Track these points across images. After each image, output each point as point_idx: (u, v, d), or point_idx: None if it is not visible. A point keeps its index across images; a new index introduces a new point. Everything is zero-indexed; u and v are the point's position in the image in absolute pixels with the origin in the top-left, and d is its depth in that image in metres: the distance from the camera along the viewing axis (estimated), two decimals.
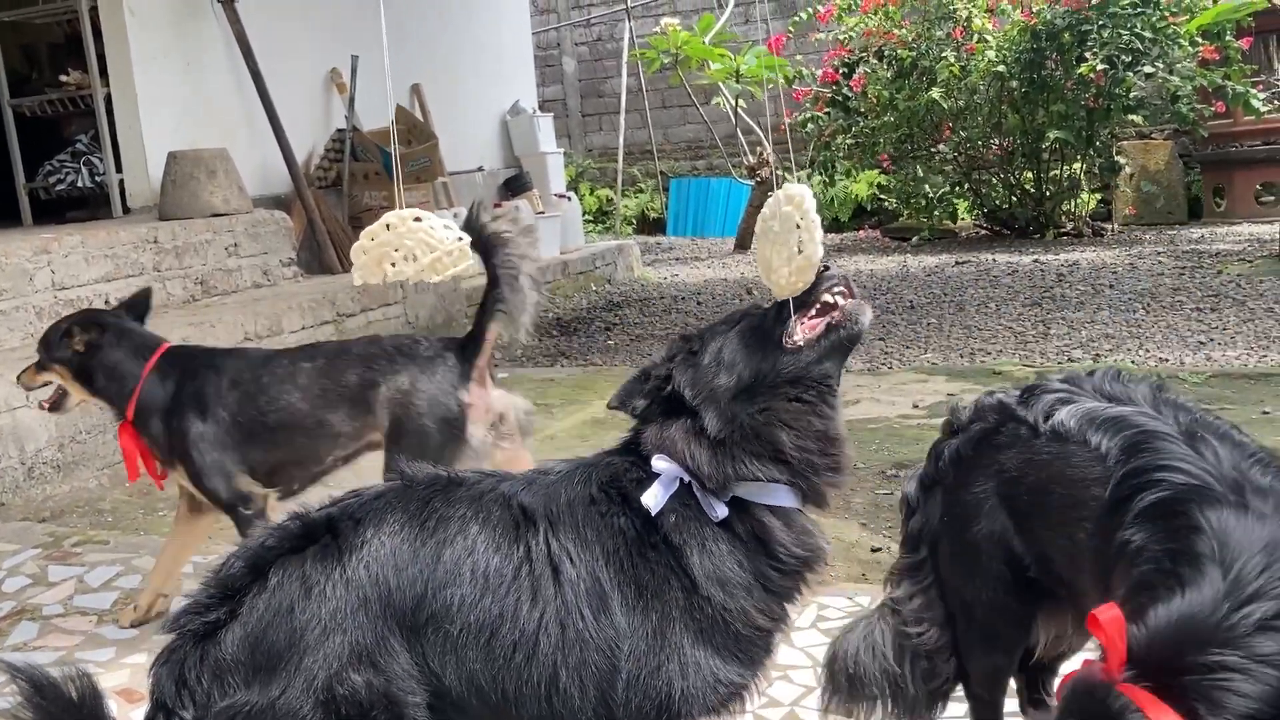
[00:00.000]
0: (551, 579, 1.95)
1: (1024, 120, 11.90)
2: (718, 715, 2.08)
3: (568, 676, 1.93)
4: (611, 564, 1.97)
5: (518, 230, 3.52)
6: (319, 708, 1.85)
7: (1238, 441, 1.87)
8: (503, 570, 1.94)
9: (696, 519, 1.99)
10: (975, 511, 2.20)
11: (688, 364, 2.06)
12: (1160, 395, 2.02)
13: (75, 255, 6.01)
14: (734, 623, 1.98)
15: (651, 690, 1.95)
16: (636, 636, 1.95)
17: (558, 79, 17.67)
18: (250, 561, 1.96)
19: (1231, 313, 7.47)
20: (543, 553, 1.96)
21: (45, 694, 1.96)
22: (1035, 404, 2.12)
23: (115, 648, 3.40)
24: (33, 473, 4.94)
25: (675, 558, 1.97)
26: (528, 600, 1.93)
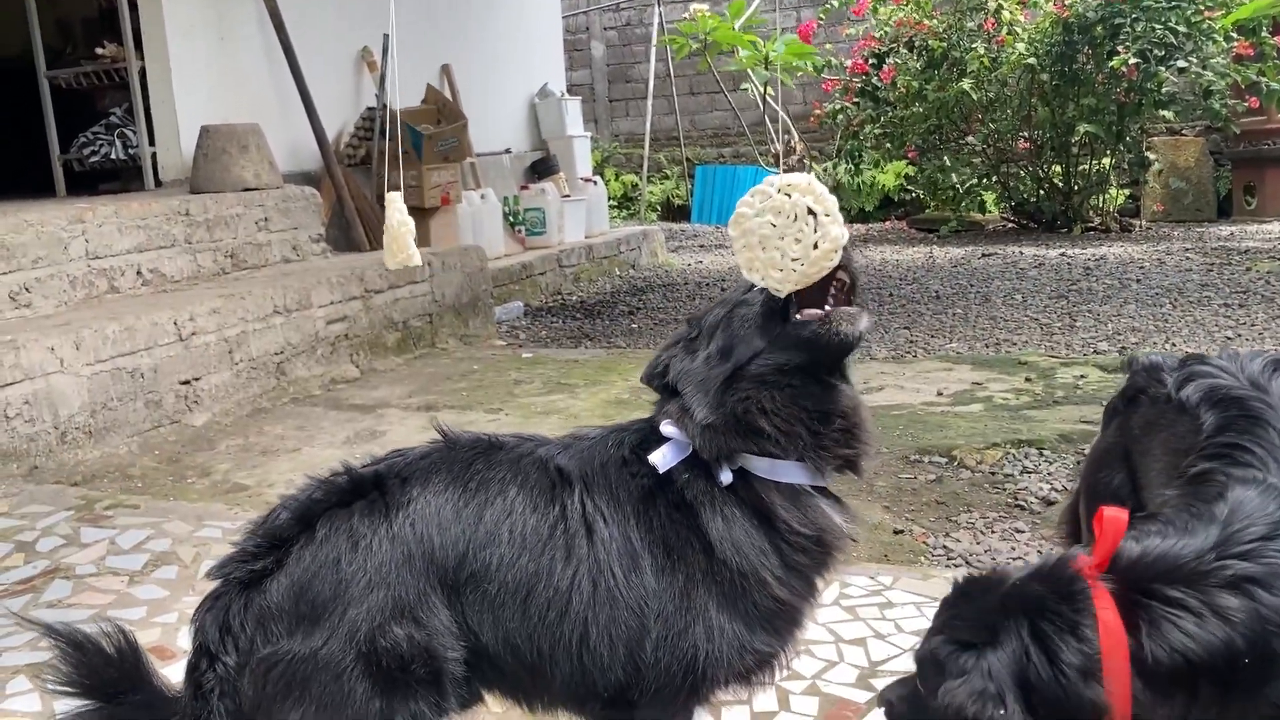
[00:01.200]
0: (585, 538, 1.98)
1: (1054, 113, 11.84)
2: (746, 683, 2.10)
3: (598, 634, 1.96)
4: (642, 524, 2.00)
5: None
6: (360, 659, 1.88)
7: None
8: (539, 530, 1.98)
9: (707, 483, 2.01)
10: (1107, 461, 2.30)
11: (686, 351, 2.09)
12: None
13: (109, 225, 6.07)
14: (752, 590, 1.99)
15: (679, 651, 1.97)
16: (665, 597, 1.98)
17: (586, 63, 17.67)
18: (298, 513, 2.00)
19: (1260, 310, 7.43)
20: (577, 512, 2.00)
21: (84, 650, 2.00)
22: (1180, 373, 2.18)
23: (147, 607, 3.45)
24: (65, 437, 5.01)
25: (692, 518, 2.00)
26: (562, 559, 1.97)
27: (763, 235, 2.01)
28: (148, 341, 5.42)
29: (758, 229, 2.02)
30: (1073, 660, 1.66)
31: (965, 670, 1.72)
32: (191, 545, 3.92)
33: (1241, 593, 1.63)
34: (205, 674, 1.95)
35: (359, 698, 1.88)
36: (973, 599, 1.81)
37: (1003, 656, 1.69)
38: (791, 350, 1.98)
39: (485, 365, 6.88)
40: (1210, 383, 2.09)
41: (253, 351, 6.02)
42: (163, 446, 5.31)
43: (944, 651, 1.77)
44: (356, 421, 5.62)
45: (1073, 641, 1.66)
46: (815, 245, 1.96)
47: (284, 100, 8.26)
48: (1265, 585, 1.64)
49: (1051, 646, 1.67)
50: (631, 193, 16.69)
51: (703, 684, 2.01)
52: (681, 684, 1.99)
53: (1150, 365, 2.28)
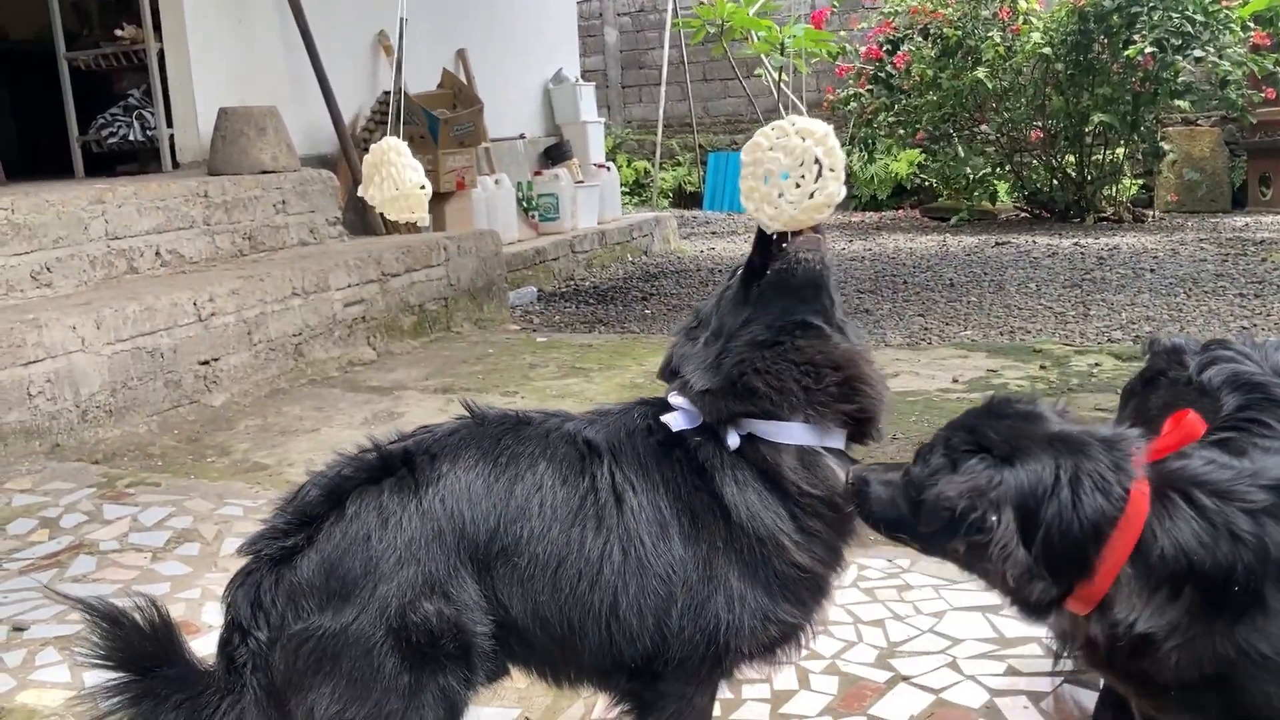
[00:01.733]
0: (615, 507, 2.01)
1: (1068, 103, 11.81)
2: (770, 656, 2.12)
3: (628, 603, 1.98)
4: (670, 492, 2.03)
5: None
6: (390, 634, 1.90)
7: None
8: (569, 502, 2.00)
9: (718, 447, 2.05)
10: None
11: (688, 338, 2.16)
12: None
13: (128, 206, 6.10)
14: (772, 557, 2.01)
15: (702, 620, 2.00)
16: (690, 566, 2.00)
17: (600, 49, 17.65)
18: (328, 490, 2.02)
19: (1276, 300, 7.43)
20: (607, 482, 2.02)
21: (118, 624, 2.02)
22: (1203, 356, 2.20)
23: (170, 583, 3.49)
24: (86, 416, 5.05)
25: (709, 483, 2.03)
26: (593, 529, 1.99)
27: (769, 169, 2.07)
28: (167, 322, 5.46)
29: (766, 161, 2.08)
30: (1091, 513, 1.68)
31: (973, 471, 1.73)
32: (213, 523, 3.96)
33: (1258, 522, 1.67)
34: (238, 649, 1.98)
35: (388, 672, 1.90)
36: (1009, 420, 1.80)
37: (1021, 476, 1.70)
38: (771, 302, 2.04)
39: (500, 349, 6.91)
40: (1233, 368, 2.11)
41: (271, 333, 6.06)
42: (182, 426, 5.35)
43: (958, 446, 1.78)
44: (374, 403, 5.65)
45: (1100, 498, 1.68)
46: (812, 195, 2.02)
47: (301, 83, 8.28)
48: (1223, 523, 1.69)
49: (1080, 490, 1.68)
50: (644, 179, 16.69)
51: (725, 655, 2.03)
52: (705, 654, 2.01)
53: (1172, 348, 2.29)
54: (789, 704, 2.64)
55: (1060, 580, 1.70)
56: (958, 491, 1.71)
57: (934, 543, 1.81)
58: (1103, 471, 1.70)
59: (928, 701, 2.60)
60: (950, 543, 1.75)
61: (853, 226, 13.60)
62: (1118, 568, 1.69)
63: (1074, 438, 1.74)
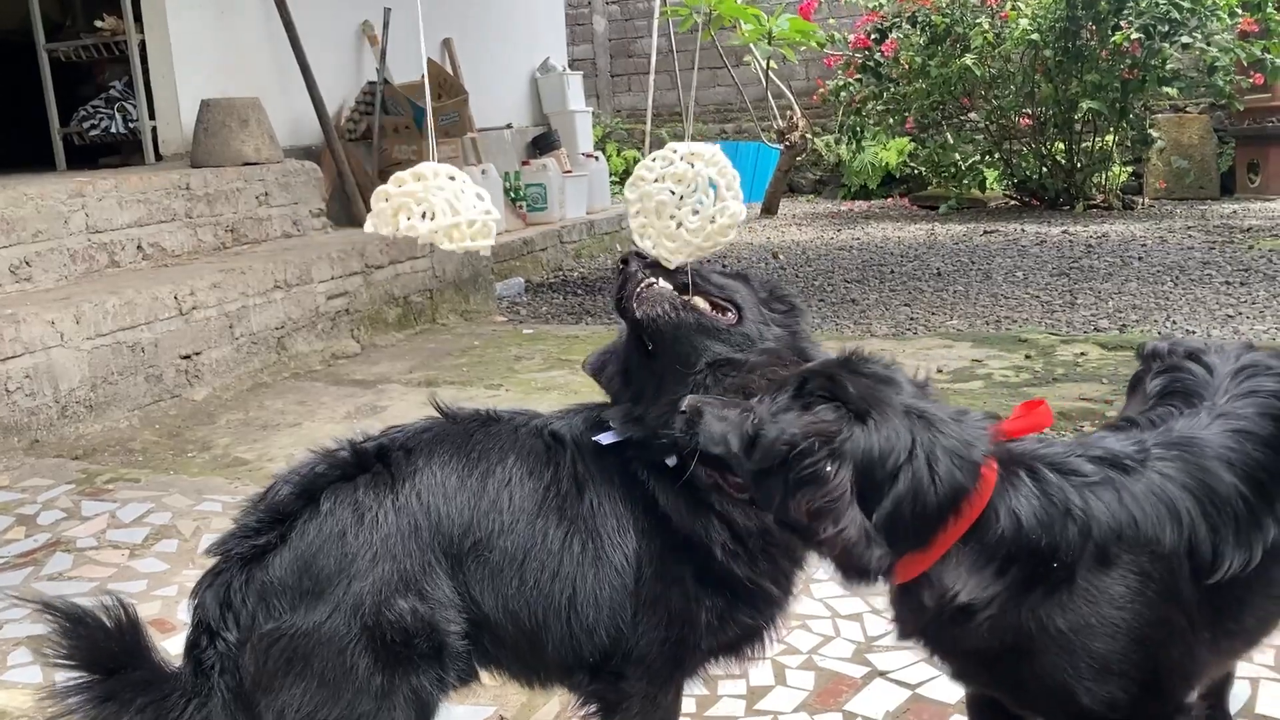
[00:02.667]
0: (576, 498, 2.00)
1: (1057, 90, 11.78)
2: (734, 655, 2.11)
3: (584, 594, 1.97)
4: (623, 488, 2.02)
5: None
6: (364, 633, 1.88)
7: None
8: (535, 494, 2.00)
9: (647, 462, 2.02)
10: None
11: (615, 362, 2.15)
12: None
13: (109, 199, 6.06)
14: (720, 561, 1.97)
15: (656, 616, 1.98)
16: (645, 561, 1.98)
17: (588, 38, 17.58)
18: (301, 487, 2.00)
19: (1261, 288, 7.42)
20: (569, 472, 2.02)
21: (84, 624, 2.00)
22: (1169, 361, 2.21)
23: (147, 580, 3.47)
24: (66, 411, 5.02)
25: (646, 490, 2.01)
26: (555, 521, 1.98)
27: (660, 201, 1.97)
28: (148, 316, 5.43)
29: (656, 194, 1.98)
30: (947, 486, 1.68)
31: (823, 417, 1.68)
32: (192, 519, 3.94)
33: (1084, 497, 1.75)
34: (205, 651, 1.95)
35: (361, 672, 1.89)
36: (866, 379, 1.75)
37: (872, 439, 1.67)
38: (669, 354, 1.97)
39: (486, 341, 6.88)
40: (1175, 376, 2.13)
41: (253, 326, 6.02)
42: (163, 420, 5.32)
43: (813, 391, 1.73)
44: (357, 397, 5.62)
45: (957, 473, 1.69)
46: (713, 219, 1.93)
47: (284, 74, 8.22)
48: (1106, 502, 1.76)
49: (936, 464, 1.68)
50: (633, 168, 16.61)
51: (684, 653, 2.01)
52: (663, 652, 1.99)
53: (1150, 352, 2.27)
54: (765, 700, 2.62)
55: (898, 549, 1.69)
56: (802, 430, 1.66)
57: (760, 484, 1.74)
58: (957, 447, 1.71)
59: (904, 697, 2.59)
60: (775, 486, 1.70)
61: (841, 216, 13.58)
62: (953, 540, 1.70)
63: (928, 412, 1.73)
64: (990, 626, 1.72)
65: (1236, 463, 1.85)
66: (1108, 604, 1.72)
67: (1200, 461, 1.84)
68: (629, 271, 1.99)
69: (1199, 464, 1.84)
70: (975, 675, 1.92)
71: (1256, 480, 1.84)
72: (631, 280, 1.98)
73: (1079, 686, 1.72)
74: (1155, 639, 1.74)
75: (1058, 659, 1.73)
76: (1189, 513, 1.78)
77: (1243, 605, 1.87)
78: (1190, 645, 1.80)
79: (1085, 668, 1.72)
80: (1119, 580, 1.73)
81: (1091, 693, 1.72)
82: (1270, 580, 1.86)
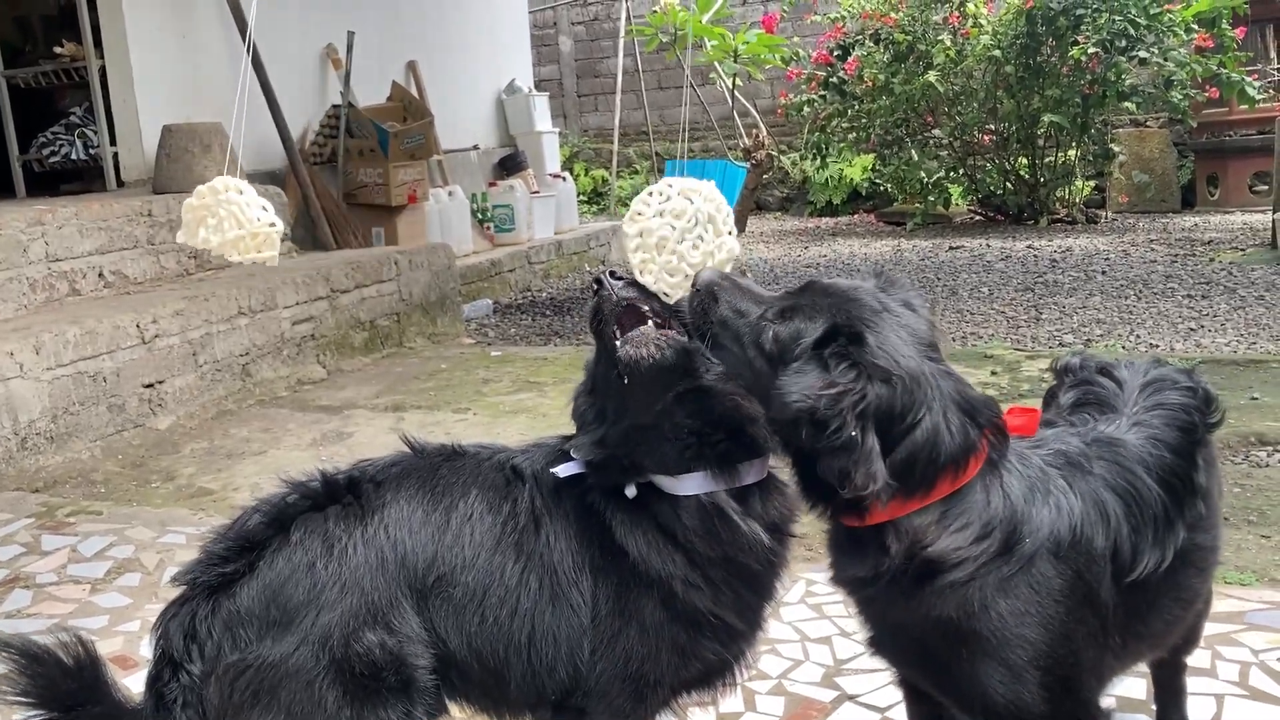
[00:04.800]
0: (533, 533, 1.98)
1: (1019, 105, 11.90)
2: (705, 688, 2.09)
3: (543, 631, 1.95)
4: (579, 523, 1.99)
5: None
6: (332, 665, 1.86)
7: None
8: (494, 528, 1.98)
9: (606, 494, 1.99)
10: None
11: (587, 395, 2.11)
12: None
13: (69, 227, 6.00)
14: (679, 597, 1.94)
15: (614, 654, 1.95)
16: (601, 598, 1.96)
17: (554, 58, 17.62)
18: (272, 517, 1.98)
19: (1223, 300, 7.51)
20: (526, 506, 2.00)
21: (41, 662, 1.96)
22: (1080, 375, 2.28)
23: (109, 615, 3.41)
24: (26, 443, 4.95)
25: (602, 523, 1.98)
26: (512, 556, 1.96)
27: (661, 237, 1.98)
28: (110, 344, 5.36)
29: (657, 229, 1.98)
30: (959, 439, 1.72)
31: (845, 382, 1.67)
32: (155, 552, 3.89)
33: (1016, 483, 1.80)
34: (168, 684, 1.92)
35: (329, 706, 1.86)
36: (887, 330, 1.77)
37: (894, 395, 1.69)
38: (641, 384, 1.92)
39: (453, 364, 6.85)
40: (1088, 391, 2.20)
41: (217, 353, 5.97)
42: (126, 451, 5.26)
43: (837, 352, 1.72)
44: (323, 423, 5.58)
45: (969, 430, 1.74)
46: (713, 254, 1.97)
47: (247, 99, 8.18)
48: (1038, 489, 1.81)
49: (951, 416, 1.72)
50: (601, 188, 16.66)
51: (645, 689, 1.97)
52: (623, 689, 1.96)
53: (1065, 367, 2.33)
54: None
55: (902, 492, 1.72)
56: (823, 397, 1.65)
57: (768, 402, 1.77)
58: (970, 406, 1.75)
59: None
60: (791, 434, 1.72)
61: (808, 232, 13.64)
62: (943, 495, 1.74)
63: (946, 365, 1.79)
64: (947, 593, 1.73)
65: (1154, 467, 1.91)
66: (1048, 596, 1.75)
67: (1126, 464, 1.90)
68: (603, 294, 1.98)
69: (1126, 466, 1.89)
70: (897, 650, 1.93)
71: (1170, 484, 1.90)
72: (607, 303, 1.97)
73: (1004, 677, 1.75)
74: (1077, 637, 1.78)
75: (989, 644, 1.75)
76: (1115, 514, 1.83)
77: (1151, 609, 1.91)
78: (1103, 648, 1.84)
79: (1014, 659, 1.74)
80: (1059, 575, 1.76)
81: (1014, 687, 1.75)
82: (1177, 584, 1.93)
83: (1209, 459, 2.05)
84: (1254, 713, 2.50)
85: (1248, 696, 2.57)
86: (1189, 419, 2.02)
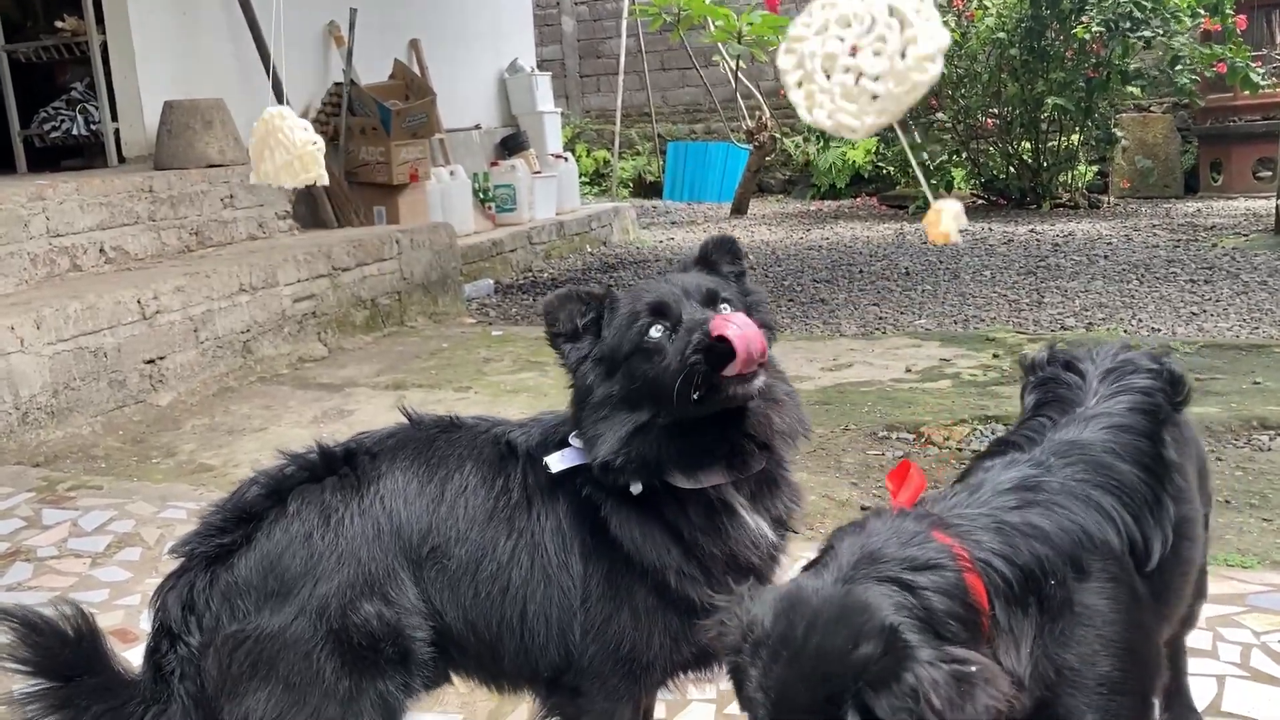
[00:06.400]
0: (525, 511, 1.96)
1: (1023, 89, 11.87)
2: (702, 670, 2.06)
3: (534, 611, 1.94)
4: (570, 505, 1.97)
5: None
6: (330, 636, 1.86)
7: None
8: (487, 503, 1.96)
9: (602, 488, 1.95)
10: None
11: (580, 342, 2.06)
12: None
13: (70, 203, 5.98)
14: (673, 587, 1.92)
15: (606, 638, 1.93)
16: (592, 582, 1.94)
17: (556, 38, 17.55)
18: (269, 488, 1.97)
19: (1225, 285, 7.50)
20: (519, 483, 1.98)
21: (40, 631, 1.96)
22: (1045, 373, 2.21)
23: (109, 589, 3.42)
24: (27, 418, 4.94)
25: (596, 512, 1.95)
26: (504, 532, 1.95)
27: (828, 54, 1.49)
28: (111, 320, 5.36)
29: (820, 49, 1.49)
30: (952, 589, 1.54)
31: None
32: (155, 526, 3.89)
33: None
34: (166, 656, 1.92)
35: (327, 676, 1.86)
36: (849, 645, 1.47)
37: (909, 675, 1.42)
38: (698, 408, 1.85)
39: (454, 343, 6.84)
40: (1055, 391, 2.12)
41: (218, 330, 5.96)
42: (127, 426, 5.26)
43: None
44: (324, 400, 5.57)
45: (956, 608, 1.54)
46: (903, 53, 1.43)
47: (249, 76, 8.14)
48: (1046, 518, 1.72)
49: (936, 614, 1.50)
50: (603, 169, 16.62)
51: (638, 671, 1.96)
52: (616, 670, 1.95)
53: (1030, 363, 2.25)
54: (733, 704, 2.60)
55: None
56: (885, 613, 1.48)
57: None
58: (921, 556, 1.57)
59: None
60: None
61: (810, 215, 13.62)
62: (989, 616, 1.57)
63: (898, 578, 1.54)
64: (1030, 682, 1.61)
65: (1124, 453, 1.87)
66: (1101, 621, 1.67)
67: (1096, 458, 1.85)
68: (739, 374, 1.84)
69: (1097, 459, 1.84)
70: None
71: (1144, 465, 1.87)
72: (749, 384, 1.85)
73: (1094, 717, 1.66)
74: (1139, 644, 1.71)
75: (1075, 697, 1.65)
76: (1113, 508, 1.78)
77: (1169, 588, 1.87)
78: (1157, 641, 1.80)
79: (1098, 699, 1.65)
80: (1098, 593, 1.68)
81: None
82: (1180, 558, 1.89)
83: (1180, 437, 2.00)
84: (1255, 693, 2.51)
85: (1249, 678, 2.57)
86: (1152, 401, 1.98)
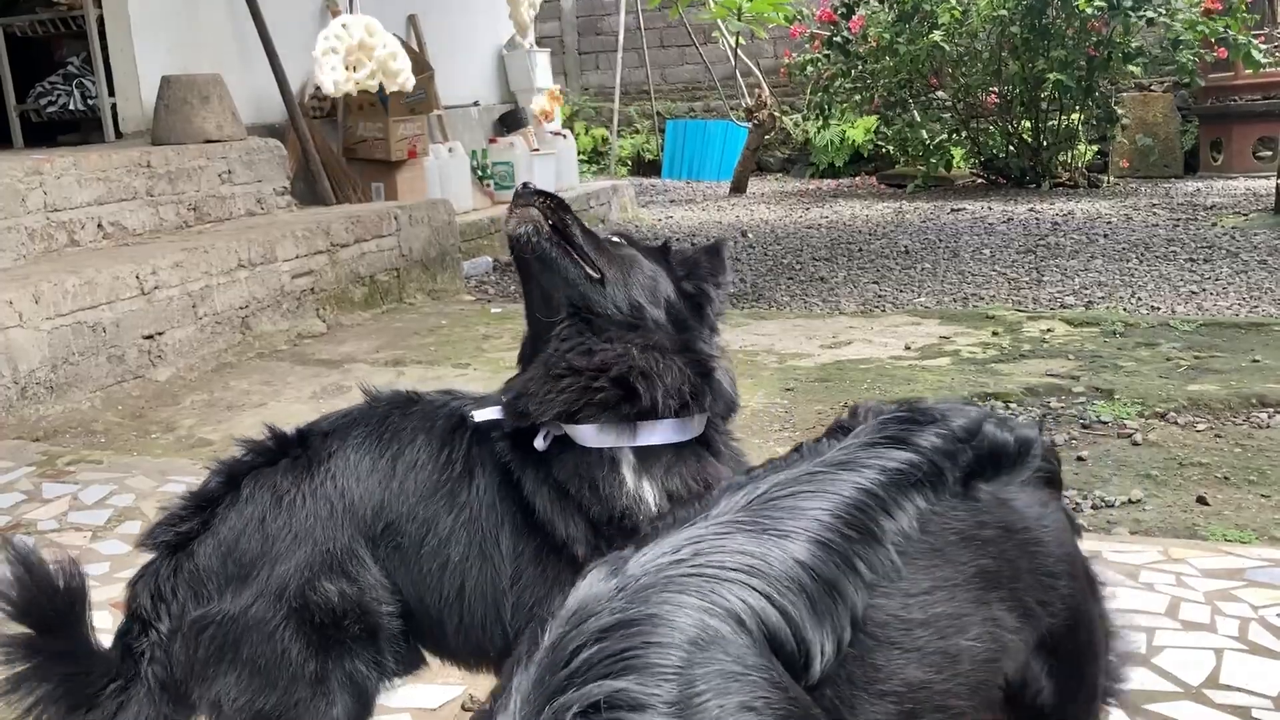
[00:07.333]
0: (466, 484, 1.94)
1: (1024, 68, 11.82)
2: None
3: (472, 589, 1.91)
4: (498, 476, 1.94)
5: None
6: (291, 615, 1.85)
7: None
8: (433, 476, 1.94)
9: (515, 447, 1.93)
10: None
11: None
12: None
13: (68, 177, 5.96)
14: (582, 562, 1.83)
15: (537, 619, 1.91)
16: (523, 560, 1.91)
17: (555, 14, 17.45)
18: (226, 475, 1.97)
19: (1225, 264, 7.49)
20: (462, 454, 1.95)
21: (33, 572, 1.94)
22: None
23: (109, 563, 3.42)
24: (26, 392, 4.94)
25: (515, 480, 1.92)
26: (446, 507, 1.93)
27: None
28: (109, 295, 5.35)
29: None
30: None
31: None
32: (155, 500, 3.88)
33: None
34: (137, 639, 1.90)
35: (293, 657, 1.84)
36: None
37: None
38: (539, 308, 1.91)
39: (453, 320, 6.83)
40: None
41: (217, 306, 5.95)
42: (126, 401, 5.25)
43: None
44: (323, 376, 5.57)
45: None
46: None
47: (247, 51, 8.10)
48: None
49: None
50: (602, 147, 16.57)
51: None
52: None
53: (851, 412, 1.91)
54: None
55: None
56: None
57: None
58: None
59: None
60: None
61: (810, 194, 13.59)
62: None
63: None
64: None
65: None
66: None
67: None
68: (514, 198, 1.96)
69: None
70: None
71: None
72: (516, 203, 1.94)
73: None
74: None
75: None
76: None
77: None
78: None
79: None
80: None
81: None
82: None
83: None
84: (1253, 666, 2.52)
85: (1247, 650, 2.58)
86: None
